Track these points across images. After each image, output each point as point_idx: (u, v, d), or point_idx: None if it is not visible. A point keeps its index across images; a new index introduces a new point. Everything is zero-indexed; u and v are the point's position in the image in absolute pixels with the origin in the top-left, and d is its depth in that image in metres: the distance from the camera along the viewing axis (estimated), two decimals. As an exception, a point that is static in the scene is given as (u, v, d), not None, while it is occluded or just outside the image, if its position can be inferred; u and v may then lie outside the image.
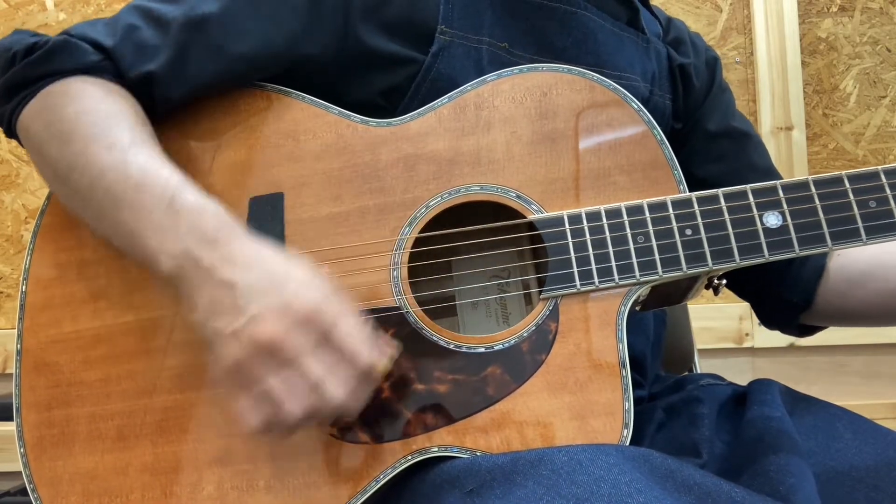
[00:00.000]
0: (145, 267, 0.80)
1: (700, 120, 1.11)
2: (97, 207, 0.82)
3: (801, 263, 1.05)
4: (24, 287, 0.91)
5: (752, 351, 2.12)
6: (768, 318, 1.13)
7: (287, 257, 0.77)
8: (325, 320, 0.72)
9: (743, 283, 1.10)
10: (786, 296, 1.06)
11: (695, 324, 1.44)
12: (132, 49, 0.87)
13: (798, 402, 0.95)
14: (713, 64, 1.15)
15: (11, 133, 0.90)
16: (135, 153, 0.81)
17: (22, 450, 0.87)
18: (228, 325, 0.72)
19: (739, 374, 1.99)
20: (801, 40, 2.14)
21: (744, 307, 2.07)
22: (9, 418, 0.90)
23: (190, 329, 0.86)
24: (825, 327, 1.11)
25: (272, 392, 0.71)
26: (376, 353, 0.74)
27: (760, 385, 0.97)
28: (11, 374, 0.99)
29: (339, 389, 0.72)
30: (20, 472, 0.87)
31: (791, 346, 2.09)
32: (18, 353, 0.89)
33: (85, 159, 0.81)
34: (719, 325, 1.16)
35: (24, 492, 0.87)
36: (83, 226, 0.91)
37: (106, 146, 0.81)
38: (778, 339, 2.07)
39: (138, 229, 0.78)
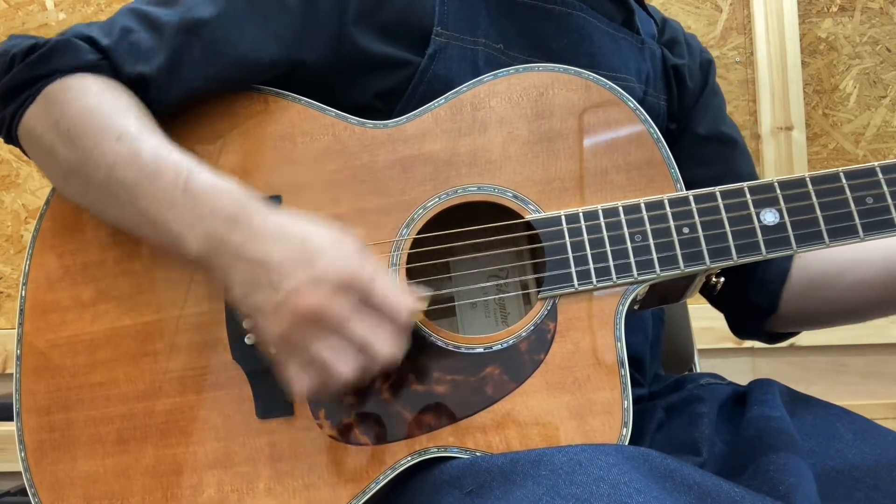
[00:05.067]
0: (172, 252, 0.81)
1: (690, 122, 1.11)
2: (115, 199, 0.82)
3: (765, 268, 1.06)
4: (23, 291, 0.91)
5: (752, 351, 2.12)
6: (738, 327, 1.15)
7: (310, 223, 0.77)
8: (361, 282, 0.73)
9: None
10: (751, 300, 1.07)
11: (695, 324, 1.44)
12: (127, 50, 0.87)
13: (798, 402, 0.95)
14: (707, 66, 1.15)
15: (12, 139, 0.90)
16: (143, 140, 0.82)
17: (23, 454, 0.87)
18: (268, 301, 0.73)
19: (739, 374, 1.98)
20: (801, 40, 2.14)
21: (744, 308, 2.07)
22: (9, 418, 0.90)
23: (189, 331, 0.87)
24: (795, 333, 1.12)
25: (321, 358, 0.73)
26: (411, 303, 0.76)
27: (760, 385, 0.97)
28: (11, 374, 0.99)
29: (384, 346, 0.74)
30: (20, 472, 0.87)
31: (791, 346, 2.09)
32: (18, 357, 0.89)
33: (97, 153, 0.82)
34: (719, 325, 1.16)
35: (24, 492, 0.87)
36: (82, 229, 0.91)
37: (115, 137, 0.82)
38: (778, 338, 2.07)
39: (160, 216, 0.79)
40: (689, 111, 1.12)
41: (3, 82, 0.87)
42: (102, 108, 0.84)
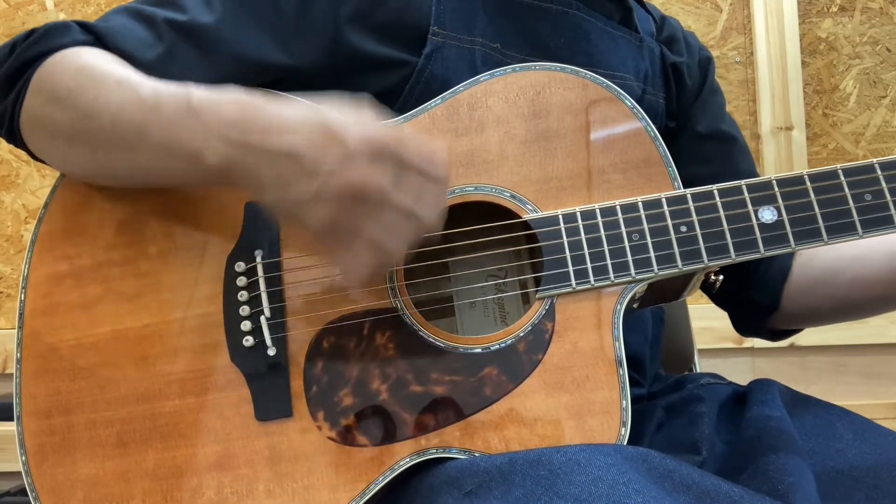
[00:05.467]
0: (193, 174, 0.80)
1: (689, 120, 1.12)
2: (124, 142, 0.82)
3: (767, 265, 1.06)
4: (22, 295, 0.91)
5: (752, 351, 2.12)
6: (741, 324, 1.15)
7: (316, 105, 0.76)
8: (391, 147, 0.72)
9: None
10: (753, 298, 1.07)
11: (695, 324, 1.44)
12: (120, 35, 0.88)
13: (798, 402, 0.95)
14: (706, 64, 1.15)
15: (14, 134, 0.90)
16: (143, 81, 0.82)
17: (23, 457, 0.87)
18: (307, 191, 0.72)
19: (739, 374, 1.98)
20: (801, 40, 2.14)
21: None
22: (9, 418, 0.90)
23: (188, 334, 0.87)
24: (797, 330, 1.13)
25: (374, 236, 0.72)
26: (441, 151, 0.75)
27: (761, 385, 0.97)
28: (11, 374, 0.99)
29: (430, 207, 0.74)
30: (20, 472, 0.87)
31: (791, 346, 2.09)
32: (18, 361, 0.89)
33: (100, 101, 0.82)
34: (719, 325, 1.16)
35: (23, 492, 0.87)
36: (81, 233, 0.91)
37: (115, 82, 0.82)
38: (778, 338, 2.08)
39: (173, 141, 0.78)
40: (689, 109, 1.12)
41: (4, 69, 0.88)
42: (98, 63, 0.85)
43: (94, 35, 0.88)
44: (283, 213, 0.77)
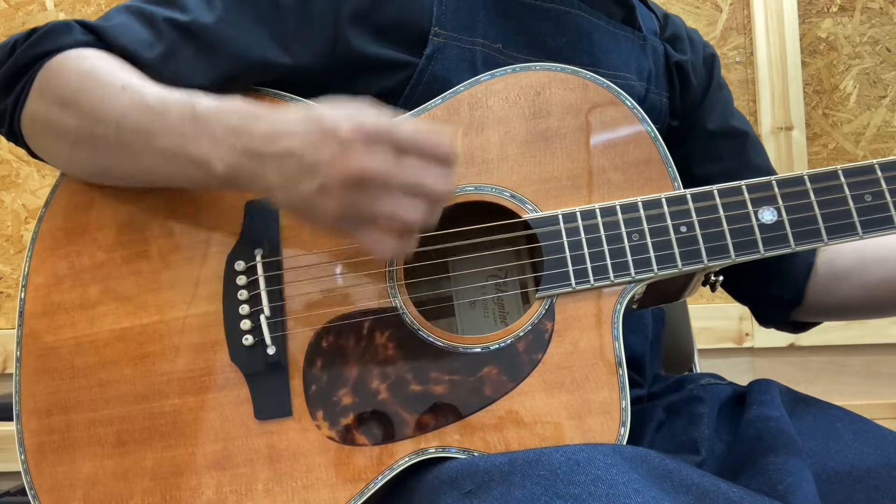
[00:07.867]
0: (199, 181, 0.82)
1: (699, 118, 1.11)
2: (129, 149, 0.83)
3: (790, 261, 1.05)
4: (22, 294, 0.91)
5: (752, 351, 2.12)
6: (763, 317, 1.14)
7: (311, 106, 0.79)
8: (384, 133, 0.74)
9: (736, 284, 1.10)
10: (776, 293, 1.07)
11: (695, 324, 1.44)
12: (120, 34, 0.88)
13: (798, 402, 0.95)
14: (711, 61, 1.14)
15: (14, 133, 0.90)
16: (148, 86, 0.84)
17: (23, 456, 0.87)
18: (311, 185, 0.75)
19: (739, 374, 1.98)
20: (801, 40, 2.14)
21: (744, 307, 2.07)
22: (9, 418, 0.90)
23: (187, 333, 0.86)
24: (819, 323, 1.12)
25: (387, 213, 0.74)
26: (442, 134, 0.76)
27: (760, 385, 0.97)
28: (11, 374, 0.99)
29: (437, 181, 0.75)
30: (20, 472, 0.87)
31: (791, 346, 2.09)
32: (18, 360, 0.89)
33: (105, 107, 0.83)
34: (719, 325, 1.16)
35: (23, 492, 0.87)
36: (81, 232, 0.91)
37: (120, 87, 0.84)
38: (778, 339, 2.07)
39: (179, 149, 0.81)
40: (696, 108, 1.11)
41: (5, 69, 0.88)
42: (102, 67, 0.86)
43: (95, 35, 0.88)
44: (295, 211, 0.79)
